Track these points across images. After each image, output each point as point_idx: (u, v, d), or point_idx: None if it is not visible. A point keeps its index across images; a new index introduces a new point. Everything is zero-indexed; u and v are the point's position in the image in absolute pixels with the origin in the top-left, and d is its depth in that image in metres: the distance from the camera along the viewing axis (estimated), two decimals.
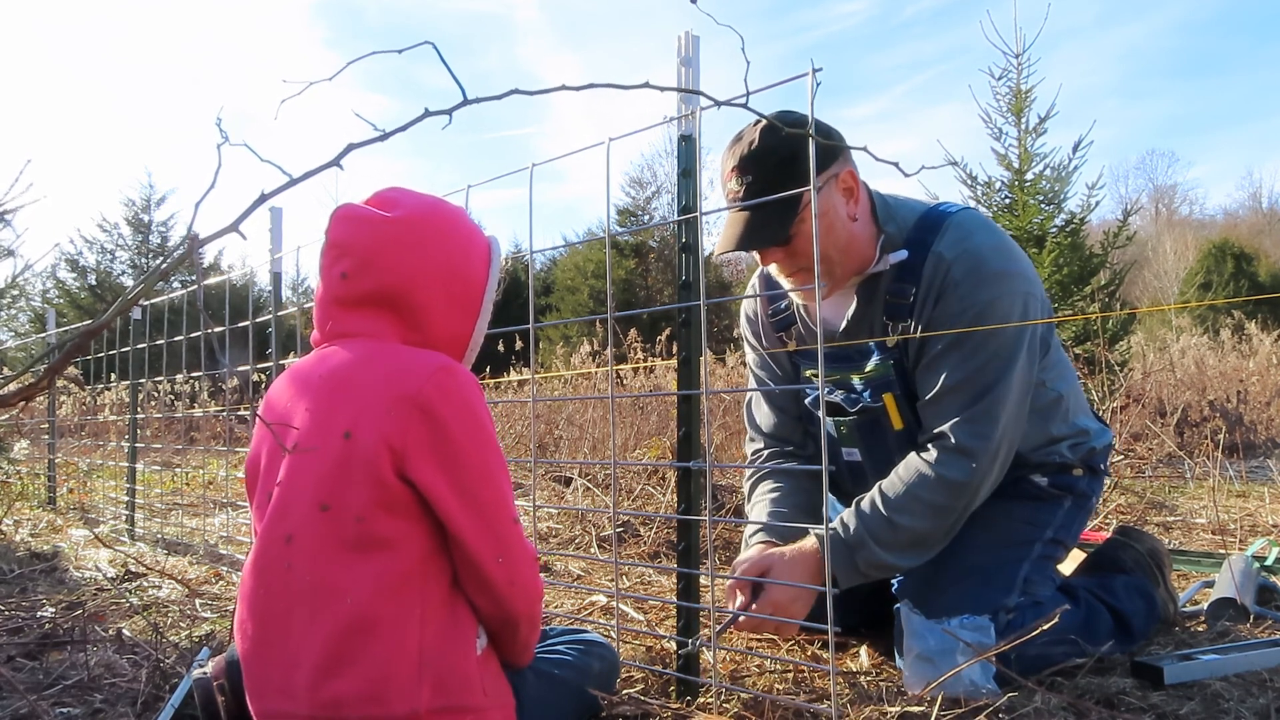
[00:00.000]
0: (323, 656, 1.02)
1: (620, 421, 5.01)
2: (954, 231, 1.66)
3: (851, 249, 1.69)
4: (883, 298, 1.71)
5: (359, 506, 1.04)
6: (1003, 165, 6.05)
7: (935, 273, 1.64)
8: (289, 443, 1.09)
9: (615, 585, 1.84)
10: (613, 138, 1.59)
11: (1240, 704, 1.42)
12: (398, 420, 1.05)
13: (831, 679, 1.34)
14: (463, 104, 0.76)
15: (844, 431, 1.83)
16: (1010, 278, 1.63)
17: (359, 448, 1.05)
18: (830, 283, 1.72)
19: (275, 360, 2.60)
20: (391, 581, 1.04)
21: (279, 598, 1.07)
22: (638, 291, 20.71)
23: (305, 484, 1.08)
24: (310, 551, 1.05)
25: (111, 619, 2.15)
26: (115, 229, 21.69)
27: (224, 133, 0.70)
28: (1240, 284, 19.97)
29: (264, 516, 1.11)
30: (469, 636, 1.10)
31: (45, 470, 4.68)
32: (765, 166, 1.59)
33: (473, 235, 1.25)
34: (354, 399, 1.08)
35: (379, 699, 1.01)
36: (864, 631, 1.91)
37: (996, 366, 1.60)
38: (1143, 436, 4.49)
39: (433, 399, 1.06)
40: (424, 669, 1.04)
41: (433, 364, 1.09)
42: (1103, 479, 1.88)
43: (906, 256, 1.67)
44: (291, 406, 1.14)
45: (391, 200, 1.20)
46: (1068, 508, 1.77)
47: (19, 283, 12.94)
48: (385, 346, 1.14)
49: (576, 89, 0.86)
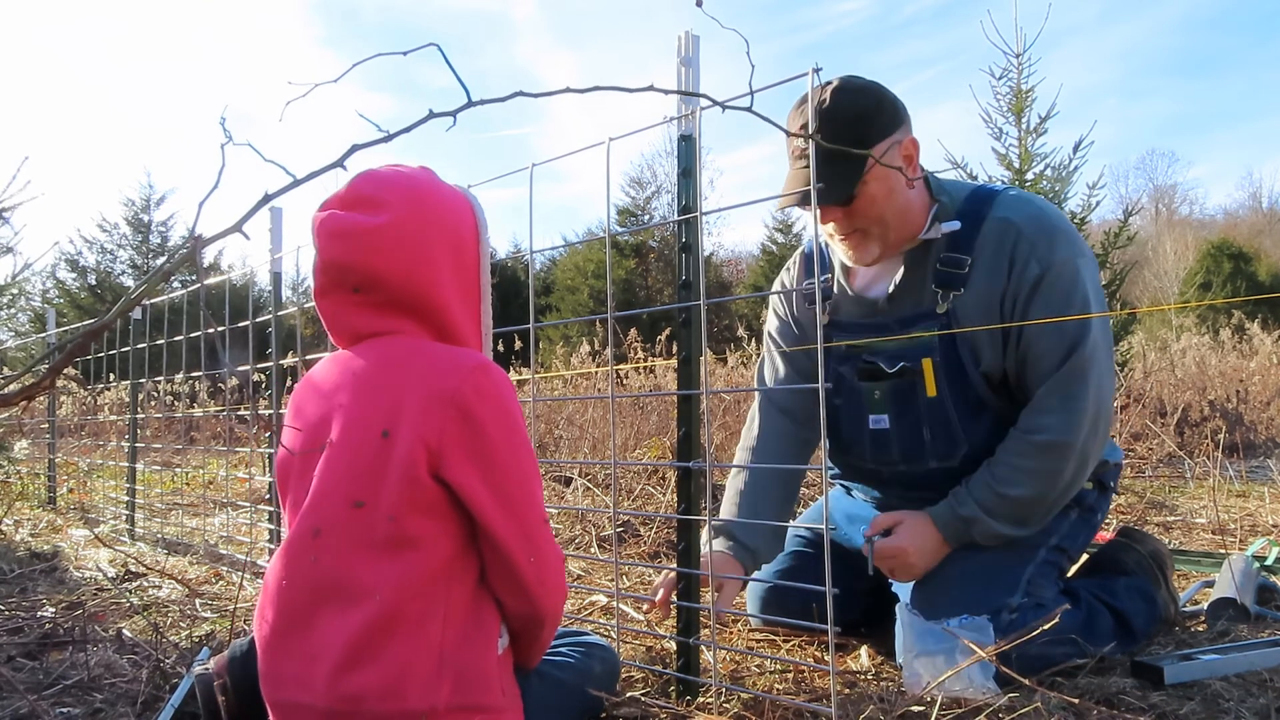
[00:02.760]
0: (344, 651, 1.02)
1: (620, 421, 5.01)
2: (1012, 200, 1.70)
3: (907, 216, 1.70)
4: (933, 266, 1.72)
5: (392, 505, 1.04)
6: (1003, 165, 6.04)
7: (1004, 235, 1.66)
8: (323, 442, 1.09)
9: (615, 585, 1.84)
10: (613, 137, 1.59)
11: (1240, 704, 1.42)
12: (435, 420, 1.05)
13: (831, 679, 1.34)
14: (467, 106, 0.76)
15: (876, 397, 1.79)
16: (1077, 238, 1.69)
17: (397, 447, 1.05)
18: (883, 248, 1.72)
19: (275, 360, 2.60)
20: (418, 579, 1.05)
21: (302, 590, 1.07)
22: (638, 291, 20.71)
23: (339, 480, 1.08)
24: (338, 547, 1.06)
25: (111, 619, 2.15)
26: (115, 229, 21.70)
27: (227, 133, 0.70)
28: (1240, 284, 19.96)
29: (298, 513, 1.11)
30: (491, 637, 1.11)
31: (45, 470, 4.68)
32: (835, 124, 1.60)
33: (459, 211, 1.20)
34: (391, 398, 1.08)
35: (398, 694, 1.02)
36: (864, 631, 1.91)
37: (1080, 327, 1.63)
38: (1143, 436, 4.49)
39: (470, 399, 1.06)
40: (444, 666, 1.04)
41: (469, 363, 1.09)
42: (1110, 497, 1.89)
43: (960, 227, 1.69)
44: (325, 407, 1.13)
45: (373, 199, 1.14)
46: (1074, 519, 1.77)
47: (19, 282, 12.93)
48: (419, 344, 1.14)
49: (580, 91, 0.86)
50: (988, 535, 1.65)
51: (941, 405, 1.72)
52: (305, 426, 1.14)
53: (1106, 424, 1.69)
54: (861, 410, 1.82)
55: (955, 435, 1.73)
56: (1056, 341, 1.63)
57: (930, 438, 1.75)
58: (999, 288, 1.66)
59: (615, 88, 0.86)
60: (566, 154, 1.73)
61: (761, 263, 22.75)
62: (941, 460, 1.75)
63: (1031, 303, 1.64)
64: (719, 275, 23.05)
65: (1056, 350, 1.63)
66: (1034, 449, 1.63)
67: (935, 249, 1.72)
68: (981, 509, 1.64)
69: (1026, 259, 1.64)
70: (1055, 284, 1.63)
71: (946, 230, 1.69)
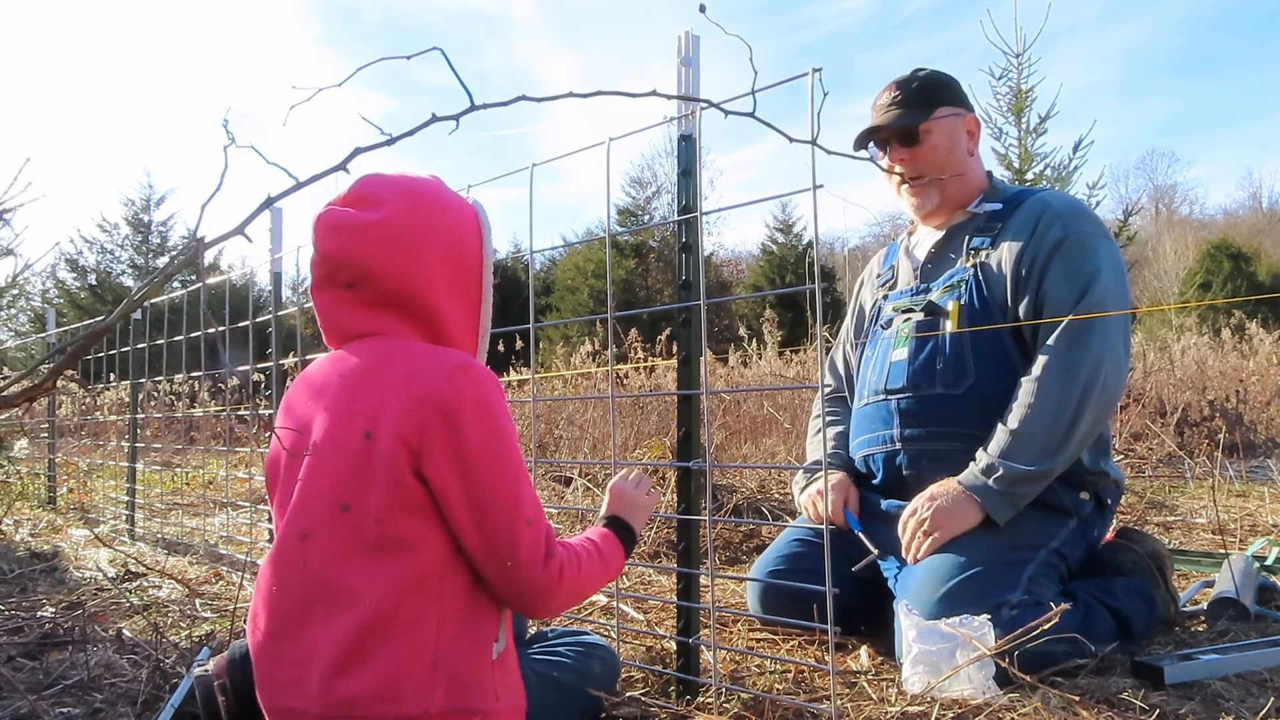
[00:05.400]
0: (337, 656, 1.02)
1: (620, 421, 5.01)
2: (1053, 192, 1.97)
3: (964, 180, 1.99)
4: (971, 232, 1.97)
5: (379, 508, 1.04)
6: (1003, 165, 6.04)
7: (1034, 207, 1.88)
8: (309, 443, 1.09)
9: (615, 585, 1.84)
10: (613, 137, 1.59)
11: (1240, 704, 1.42)
12: (415, 419, 1.04)
13: (831, 679, 1.34)
14: (470, 109, 0.76)
15: (904, 335, 1.96)
16: (1103, 226, 1.87)
17: (379, 448, 1.04)
18: (941, 200, 2.00)
19: (275, 360, 2.60)
20: (409, 582, 1.04)
21: (293, 595, 1.07)
22: (638, 291, 20.71)
23: (325, 483, 1.07)
24: (327, 550, 1.05)
25: (111, 619, 2.15)
26: (115, 229, 21.70)
27: (230, 134, 0.70)
28: (1240, 284, 19.96)
29: (285, 515, 1.11)
30: (486, 640, 1.10)
31: (45, 470, 4.68)
32: (919, 80, 2.00)
33: (460, 215, 1.21)
34: (374, 399, 1.07)
35: (392, 698, 1.01)
36: (864, 631, 1.91)
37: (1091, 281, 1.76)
38: (1143, 436, 4.49)
39: (450, 399, 1.05)
40: (438, 670, 1.03)
41: (451, 363, 1.09)
42: (1109, 516, 1.92)
43: (1000, 209, 1.95)
44: (311, 408, 1.13)
45: (372, 197, 1.16)
46: (1073, 527, 1.80)
47: (19, 282, 12.93)
48: (404, 345, 1.14)
49: (583, 96, 0.86)
50: (1011, 479, 1.70)
51: (959, 340, 1.87)
52: (292, 426, 1.14)
53: (1114, 380, 1.75)
54: (889, 350, 1.99)
55: (965, 365, 1.85)
56: (1068, 290, 1.76)
57: (941, 366, 1.87)
58: (1021, 243, 1.84)
59: (618, 93, 0.86)
60: (566, 154, 1.73)
61: (761, 263, 22.74)
62: (948, 387, 1.85)
63: (1050, 261, 1.80)
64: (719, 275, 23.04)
65: (1068, 299, 1.76)
66: (1036, 385, 1.73)
67: (975, 222, 1.98)
68: (997, 453, 1.72)
69: (1050, 224, 1.83)
70: (1075, 247, 1.79)
71: (989, 209, 1.97)
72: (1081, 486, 1.82)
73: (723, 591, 2.41)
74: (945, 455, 1.83)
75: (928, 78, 2.01)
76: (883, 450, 1.95)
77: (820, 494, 2.01)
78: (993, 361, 1.83)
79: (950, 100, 2.00)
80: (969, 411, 1.82)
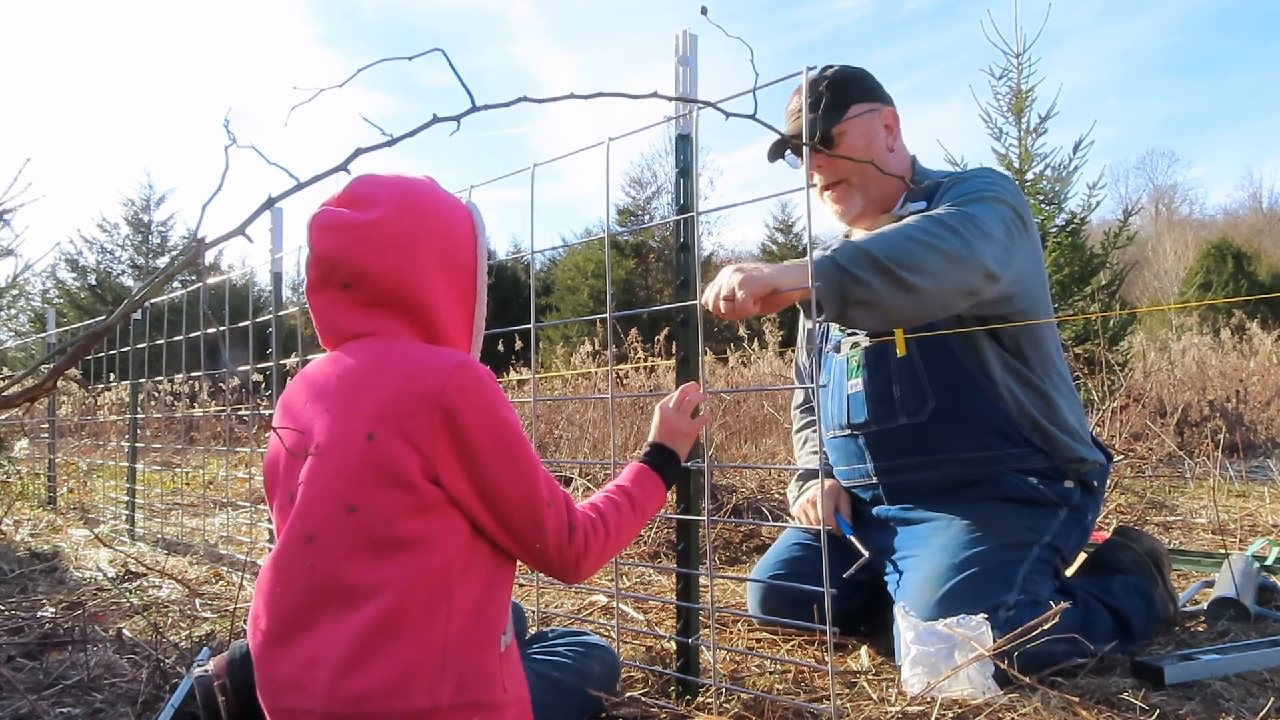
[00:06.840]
0: (347, 654, 1.02)
1: (620, 421, 5.01)
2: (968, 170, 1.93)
3: (887, 178, 1.89)
4: None
5: (388, 510, 1.04)
6: (1003, 165, 6.04)
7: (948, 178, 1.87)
8: (310, 445, 1.09)
9: (615, 585, 1.84)
10: (612, 137, 1.59)
11: (1240, 704, 1.42)
12: (420, 422, 1.05)
13: (831, 679, 1.34)
14: (471, 110, 0.76)
15: (854, 364, 1.93)
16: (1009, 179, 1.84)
17: (382, 450, 1.05)
18: (865, 203, 1.92)
19: (275, 360, 2.60)
20: (420, 579, 1.04)
21: (299, 597, 1.06)
22: (638, 291, 20.72)
23: (329, 485, 1.07)
24: (335, 552, 1.05)
25: (111, 619, 2.15)
26: (115, 229, 21.71)
27: (231, 134, 0.71)
28: (1240, 284, 19.97)
29: (286, 517, 1.11)
30: (494, 633, 1.10)
31: (45, 470, 4.68)
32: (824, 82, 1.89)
33: (454, 215, 1.21)
34: (375, 400, 1.08)
35: (401, 692, 1.01)
36: (864, 631, 1.91)
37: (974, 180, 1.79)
38: (1143, 436, 4.48)
39: (453, 399, 1.06)
40: (448, 664, 1.04)
41: (451, 362, 1.09)
42: (1098, 500, 1.90)
43: (925, 206, 1.83)
44: (311, 409, 1.13)
45: (366, 197, 1.16)
46: (1063, 518, 1.79)
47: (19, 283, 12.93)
48: (402, 345, 1.14)
49: (584, 97, 0.86)
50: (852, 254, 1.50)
51: (910, 363, 1.82)
52: (292, 428, 1.14)
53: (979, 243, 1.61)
54: (843, 380, 1.95)
55: (922, 390, 1.81)
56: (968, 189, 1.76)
57: (900, 394, 1.82)
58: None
59: (619, 94, 0.86)
60: (567, 154, 1.73)
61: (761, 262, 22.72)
62: (910, 416, 1.82)
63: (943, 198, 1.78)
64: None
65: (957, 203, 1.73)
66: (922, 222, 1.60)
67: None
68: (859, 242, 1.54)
69: (951, 182, 1.84)
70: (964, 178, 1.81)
71: (914, 210, 1.82)
72: (1064, 476, 1.81)
73: (722, 592, 2.41)
74: (923, 483, 1.83)
75: (836, 76, 1.90)
76: (861, 484, 1.96)
77: (812, 503, 2.01)
78: (951, 378, 1.79)
79: (863, 96, 1.90)
80: (937, 436, 1.79)
